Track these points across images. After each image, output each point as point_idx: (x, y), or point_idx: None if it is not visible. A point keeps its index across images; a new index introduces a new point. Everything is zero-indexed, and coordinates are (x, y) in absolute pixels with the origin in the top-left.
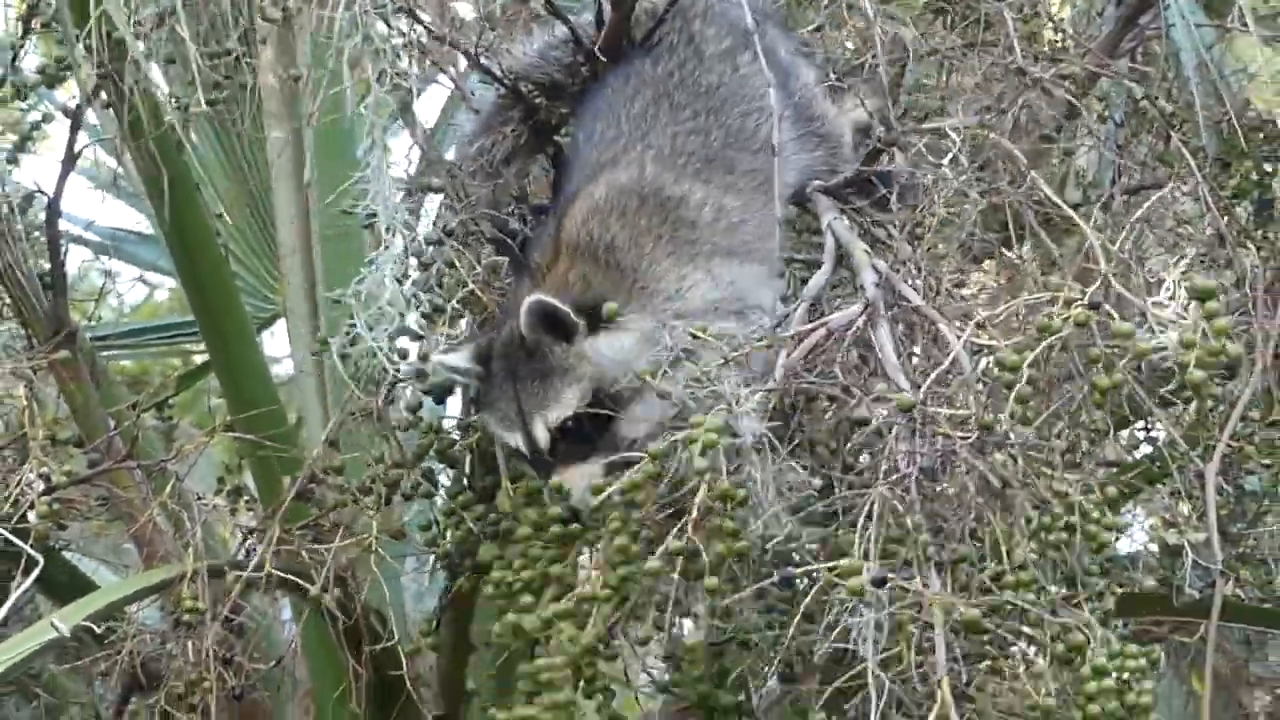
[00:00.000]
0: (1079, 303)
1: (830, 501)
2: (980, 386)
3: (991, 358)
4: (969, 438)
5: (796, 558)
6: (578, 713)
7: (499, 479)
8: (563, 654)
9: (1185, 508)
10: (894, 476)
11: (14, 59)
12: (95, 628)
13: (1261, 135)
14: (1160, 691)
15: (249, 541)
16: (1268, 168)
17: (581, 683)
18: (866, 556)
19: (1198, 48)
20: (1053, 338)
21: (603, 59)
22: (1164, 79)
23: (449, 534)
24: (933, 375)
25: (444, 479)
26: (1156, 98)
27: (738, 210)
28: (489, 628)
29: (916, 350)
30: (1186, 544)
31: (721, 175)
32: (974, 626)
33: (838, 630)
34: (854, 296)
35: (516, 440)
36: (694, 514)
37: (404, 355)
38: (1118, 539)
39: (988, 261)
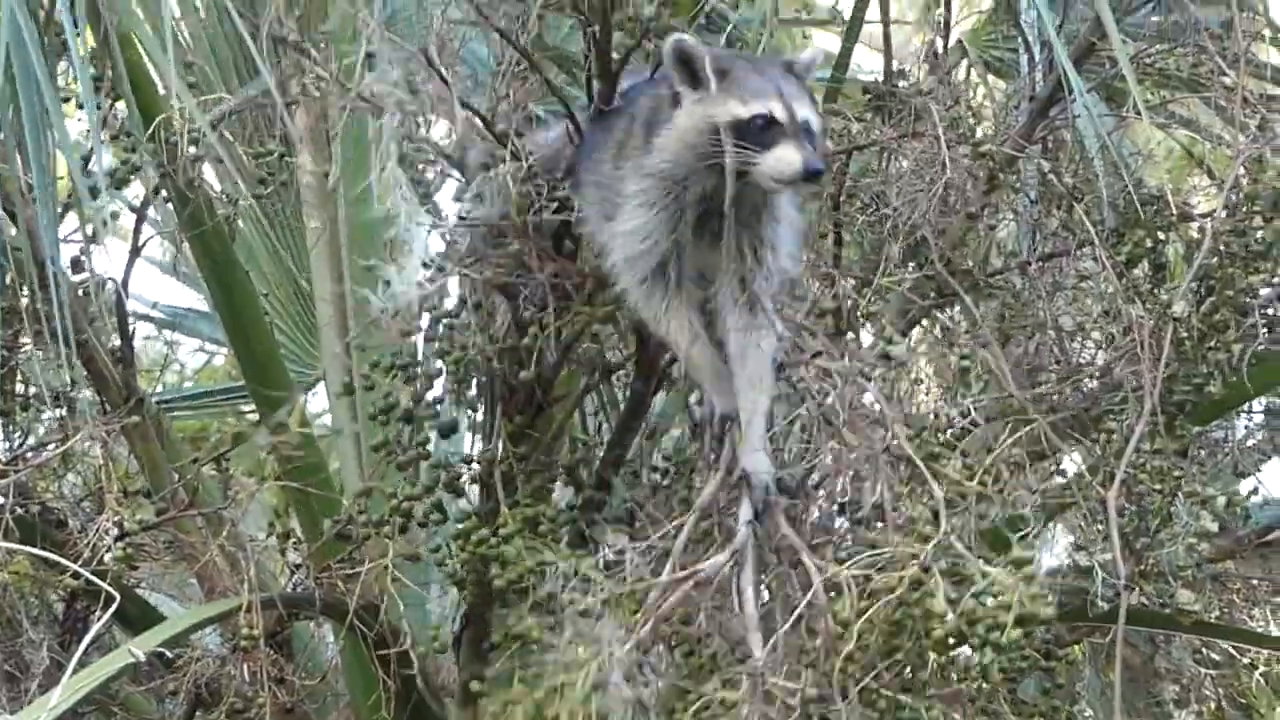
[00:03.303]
0: (915, 563)
1: None
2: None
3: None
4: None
5: None
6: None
7: (498, 505)
8: None
9: (1099, 527)
10: None
11: (86, 164)
12: (165, 653)
13: (1154, 208)
14: (1084, 683)
15: (295, 576)
16: (1160, 235)
17: None
18: None
19: (1100, 133)
20: (887, 598)
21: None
22: (1071, 161)
23: (457, 555)
24: (784, 626)
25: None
26: (1061, 173)
27: None
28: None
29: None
30: (1096, 565)
31: None
32: None
33: None
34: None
35: (771, 107)
36: None
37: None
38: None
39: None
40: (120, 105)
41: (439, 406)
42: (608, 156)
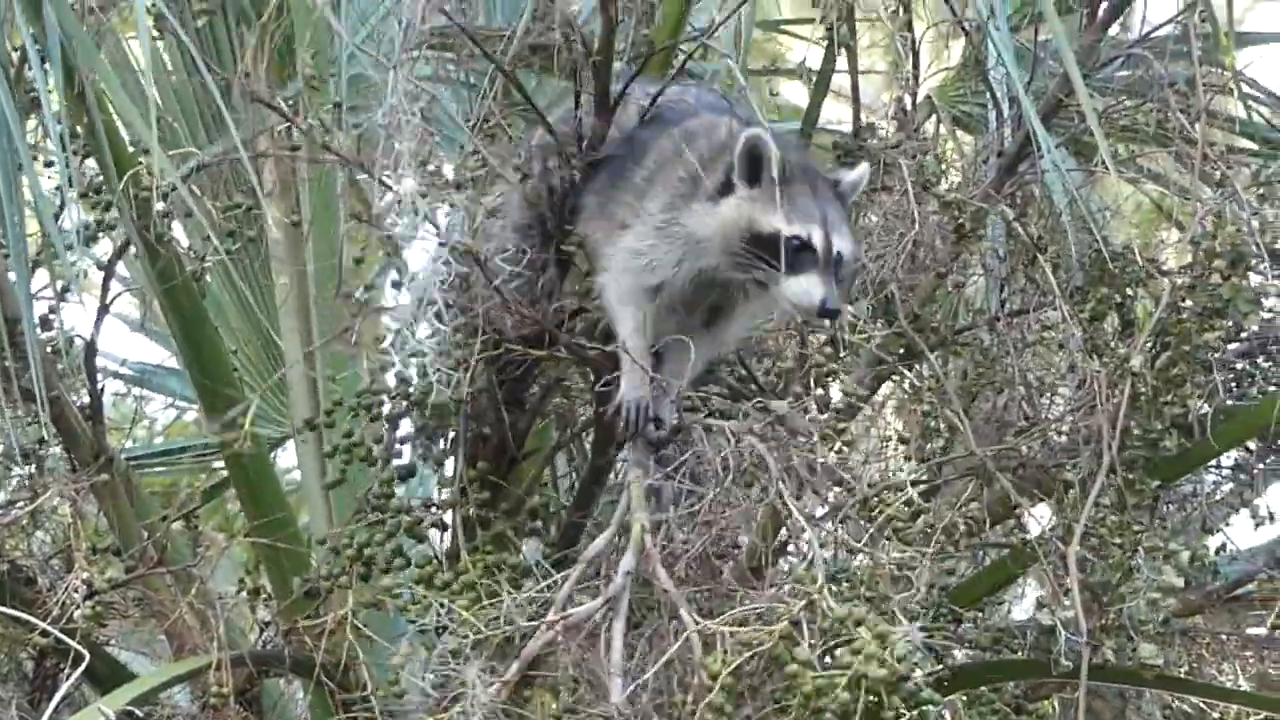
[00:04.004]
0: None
1: None
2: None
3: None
4: None
5: None
6: None
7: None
8: None
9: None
10: None
11: (57, 220)
12: (135, 711)
13: (1120, 264)
14: None
15: (265, 633)
16: (1128, 291)
17: None
18: None
19: (1068, 188)
20: (756, 649)
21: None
22: (1041, 216)
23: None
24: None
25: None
26: (1027, 223)
27: None
28: None
29: None
30: (1057, 621)
31: None
32: None
33: None
34: None
35: (811, 232)
36: None
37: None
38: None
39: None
40: (89, 162)
41: (402, 448)
42: (643, 171)
